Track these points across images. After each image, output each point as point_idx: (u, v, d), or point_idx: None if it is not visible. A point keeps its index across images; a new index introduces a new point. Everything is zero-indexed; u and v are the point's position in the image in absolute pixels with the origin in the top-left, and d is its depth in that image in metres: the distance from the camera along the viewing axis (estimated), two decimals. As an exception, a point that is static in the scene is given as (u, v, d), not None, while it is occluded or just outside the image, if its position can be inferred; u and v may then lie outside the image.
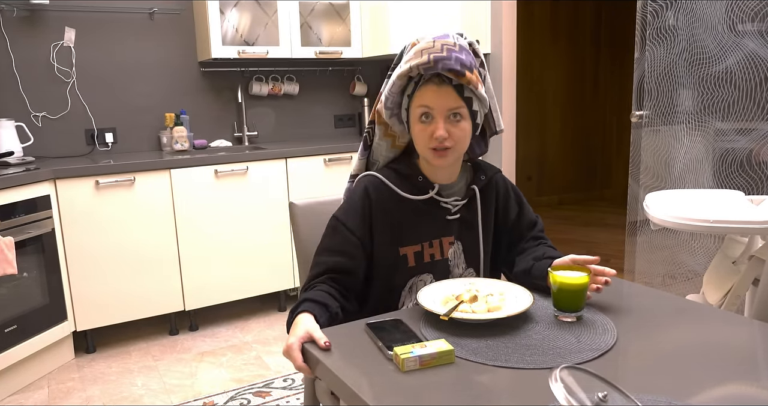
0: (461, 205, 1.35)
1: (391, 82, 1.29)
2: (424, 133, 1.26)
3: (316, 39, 3.46)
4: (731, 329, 1.10)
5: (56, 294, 2.61)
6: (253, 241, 3.06)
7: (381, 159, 1.39)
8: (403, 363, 0.95)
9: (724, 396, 0.87)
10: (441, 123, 1.24)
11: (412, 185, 1.33)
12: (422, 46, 1.24)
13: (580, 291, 1.12)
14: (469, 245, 1.36)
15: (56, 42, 3.05)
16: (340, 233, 1.29)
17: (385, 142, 1.36)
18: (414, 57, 1.24)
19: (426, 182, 1.33)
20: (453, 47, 1.23)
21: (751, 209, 1.88)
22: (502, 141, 3.67)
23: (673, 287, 2.98)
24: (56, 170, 2.57)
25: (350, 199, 1.32)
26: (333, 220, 1.32)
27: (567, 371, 0.79)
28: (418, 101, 1.26)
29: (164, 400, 2.34)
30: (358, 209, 1.29)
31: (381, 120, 1.35)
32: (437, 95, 1.24)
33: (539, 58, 5.84)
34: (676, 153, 2.81)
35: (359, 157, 1.40)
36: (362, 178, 1.34)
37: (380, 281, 1.32)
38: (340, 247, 1.28)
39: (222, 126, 3.53)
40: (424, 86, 1.25)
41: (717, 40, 2.54)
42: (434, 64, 1.21)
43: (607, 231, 4.93)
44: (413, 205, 1.32)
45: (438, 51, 1.22)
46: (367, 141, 1.38)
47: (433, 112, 1.25)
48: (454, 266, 1.35)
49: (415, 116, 1.27)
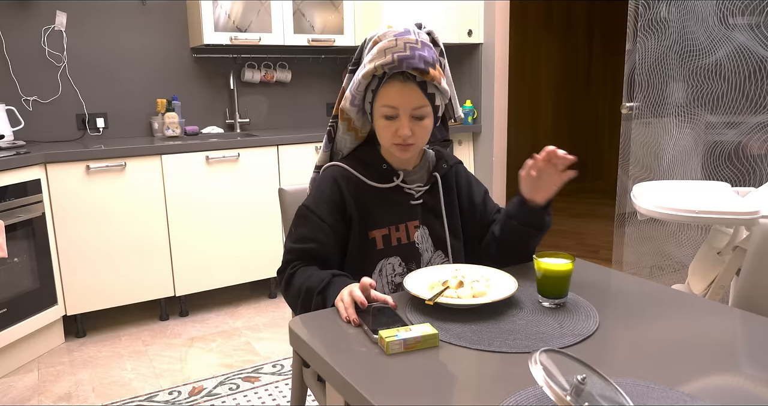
0: (424, 190, 1.39)
1: (356, 81, 1.30)
2: (388, 130, 1.30)
3: (309, 26, 3.45)
4: (712, 317, 1.13)
5: (46, 278, 2.61)
6: (243, 228, 3.07)
7: (345, 150, 1.42)
8: (388, 346, 0.97)
9: (703, 382, 0.89)
10: (405, 122, 1.27)
11: (376, 173, 1.36)
12: (385, 45, 1.25)
13: (564, 278, 1.14)
14: (435, 229, 1.40)
15: (47, 26, 3.03)
16: (310, 221, 1.32)
17: (348, 135, 1.40)
18: (377, 56, 1.25)
19: (390, 170, 1.37)
20: (415, 45, 1.25)
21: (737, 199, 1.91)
22: (494, 132, 3.68)
23: (660, 278, 3.02)
24: (47, 154, 2.56)
25: (319, 189, 1.35)
26: (302, 209, 1.34)
27: (547, 354, 0.81)
28: (384, 100, 1.28)
29: (153, 384, 2.35)
30: (326, 198, 1.32)
31: (344, 116, 1.37)
32: (401, 94, 1.26)
33: (532, 50, 5.85)
34: (666, 145, 2.84)
35: (323, 150, 1.42)
36: (329, 169, 1.37)
37: (353, 265, 1.35)
38: (312, 234, 1.31)
39: (214, 113, 3.53)
40: (388, 84, 1.27)
41: (707, 32, 2.55)
42: (399, 63, 1.23)
43: (597, 222, 4.97)
44: (379, 191, 1.35)
45: (401, 50, 1.23)
46: (331, 134, 1.41)
47: (398, 111, 1.27)
48: (423, 250, 1.38)
49: (379, 113, 1.30)
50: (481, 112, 3.74)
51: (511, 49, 5.05)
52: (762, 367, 0.92)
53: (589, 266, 1.43)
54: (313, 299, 1.22)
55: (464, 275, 1.22)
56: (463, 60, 3.80)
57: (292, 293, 1.27)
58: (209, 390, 2.29)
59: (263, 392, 2.28)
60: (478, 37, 3.63)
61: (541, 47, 5.89)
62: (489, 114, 3.69)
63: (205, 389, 2.30)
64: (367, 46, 1.33)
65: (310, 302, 1.23)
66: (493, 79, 3.64)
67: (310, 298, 1.23)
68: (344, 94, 1.36)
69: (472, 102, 3.77)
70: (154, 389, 2.32)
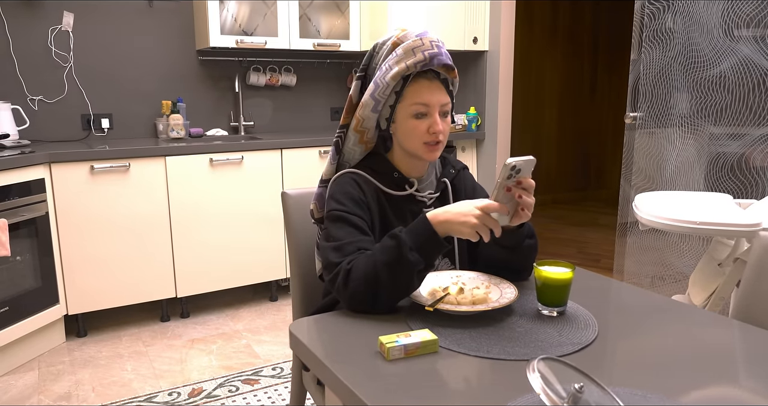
0: (435, 197, 1.39)
1: (383, 84, 1.27)
2: (418, 129, 1.29)
3: (314, 31, 3.46)
4: (711, 328, 1.13)
5: (48, 277, 2.62)
6: (246, 230, 3.07)
7: (353, 161, 1.40)
8: (388, 352, 0.98)
9: (700, 392, 0.89)
10: (437, 118, 1.29)
11: (389, 181, 1.35)
12: (411, 45, 1.26)
13: (563, 286, 1.14)
14: None
15: (54, 26, 3.05)
16: (348, 221, 1.25)
17: (359, 147, 1.37)
18: (406, 56, 1.25)
19: (401, 178, 1.36)
20: (439, 43, 1.29)
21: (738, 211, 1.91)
22: (497, 139, 3.69)
23: (661, 288, 3.02)
24: (51, 154, 2.58)
25: (342, 191, 1.30)
26: (334, 213, 1.27)
27: (545, 362, 0.81)
28: (414, 98, 1.28)
29: (153, 385, 2.36)
30: (355, 198, 1.29)
31: (359, 127, 1.34)
32: (431, 92, 1.28)
33: (538, 58, 5.86)
34: (669, 155, 2.84)
35: (330, 162, 1.38)
36: (345, 175, 1.34)
37: None
38: (354, 230, 1.24)
39: (218, 115, 3.54)
40: (416, 82, 1.27)
41: (712, 44, 2.56)
42: (430, 60, 1.25)
43: (599, 231, 4.97)
44: (393, 199, 1.35)
45: (429, 48, 1.26)
46: (339, 145, 1.38)
47: (429, 108, 1.28)
48: None
49: (407, 113, 1.29)
50: (485, 119, 3.74)
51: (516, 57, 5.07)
52: (759, 378, 0.93)
53: (589, 275, 1.43)
54: (405, 260, 1.10)
55: (465, 281, 1.23)
56: (468, 67, 3.81)
57: (369, 279, 1.12)
58: (209, 392, 2.30)
59: (262, 394, 2.28)
60: (483, 44, 3.64)
61: (546, 55, 5.91)
62: (493, 121, 3.70)
63: (204, 391, 2.30)
64: (380, 51, 1.33)
65: (405, 269, 1.11)
66: (498, 87, 3.65)
67: (401, 262, 1.10)
68: (353, 103, 1.35)
69: (477, 109, 3.78)
70: (154, 389, 2.32)
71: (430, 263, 1.15)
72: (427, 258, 1.14)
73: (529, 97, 5.90)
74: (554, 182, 6.24)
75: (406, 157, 1.36)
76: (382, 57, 1.32)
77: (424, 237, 1.14)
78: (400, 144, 1.34)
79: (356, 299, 1.14)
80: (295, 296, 1.59)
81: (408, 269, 1.12)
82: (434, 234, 1.14)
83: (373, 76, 1.34)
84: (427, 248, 1.14)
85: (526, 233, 1.29)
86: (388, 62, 1.28)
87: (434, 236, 1.14)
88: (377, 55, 1.34)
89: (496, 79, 3.65)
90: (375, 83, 1.29)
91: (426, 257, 1.13)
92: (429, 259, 1.14)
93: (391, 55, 1.29)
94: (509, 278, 1.29)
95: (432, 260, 1.15)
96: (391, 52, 1.29)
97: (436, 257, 1.16)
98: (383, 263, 1.12)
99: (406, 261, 1.11)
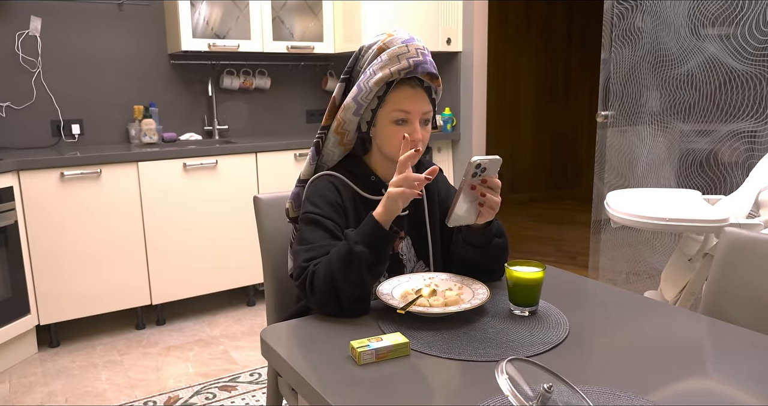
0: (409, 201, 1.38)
1: (366, 89, 1.27)
2: (398, 135, 1.29)
3: (288, 33, 3.45)
4: (680, 324, 1.15)
5: (19, 287, 2.57)
6: (221, 235, 3.05)
7: (331, 163, 1.40)
8: (359, 356, 0.97)
9: (669, 389, 0.90)
10: (418, 126, 1.29)
11: (366, 185, 1.35)
12: (396, 51, 1.26)
13: (534, 286, 1.15)
14: (419, 239, 1.39)
15: (21, 31, 2.99)
16: (320, 224, 1.26)
17: (338, 149, 1.38)
18: (390, 62, 1.25)
19: (378, 181, 1.36)
20: (424, 50, 1.28)
21: (706, 207, 1.94)
22: (472, 139, 3.70)
23: (635, 284, 3.06)
24: (20, 161, 2.53)
25: (318, 193, 1.31)
26: (307, 215, 1.28)
27: (514, 363, 0.82)
28: (395, 105, 1.28)
29: (128, 394, 2.33)
30: (330, 201, 1.29)
31: (340, 129, 1.34)
32: (413, 99, 1.28)
33: (512, 58, 5.90)
34: (640, 153, 2.88)
35: (309, 163, 1.38)
36: (323, 177, 1.34)
37: None
38: (326, 234, 1.25)
39: (192, 119, 3.51)
40: (399, 89, 1.27)
41: (680, 43, 2.60)
42: (414, 68, 1.25)
43: (576, 229, 5.02)
44: (369, 203, 1.34)
45: (414, 55, 1.26)
46: (319, 146, 1.38)
47: (410, 116, 1.28)
48: (406, 261, 1.38)
49: (388, 119, 1.29)
50: (460, 120, 3.76)
51: (490, 58, 5.11)
52: (726, 373, 0.94)
53: (561, 273, 1.44)
54: (352, 253, 1.13)
55: (437, 283, 1.23)
56: (443, 68, 3.83)
57: (326, 279, 1.15)
58: (185, 400, 2.27)
59: (240, 401, 2.26)
60: (456, 45, 3.66)
61: (520, 55, 5.96)
62: (468, 121, 3.71)
63: (180, 399, 2.27)
64: (365, 55, 1.33)
65: (353, 263, 1.13)
66: (472, 87, 3.67)
67: (350, 256, 1.14)
68: (336, 104, 1.35)
69: (452, 110, 3.80)
70: (129, 399, 2.29)
71: (380, 256, 1.16)
72: (373, 250, 1.15)
73: (505, 96, 5.94)
74: (531, 181, 6.29)
75: (383, 160, 1.36)
76: (368, 61, 1.31)
77: (368, 229, 1.16)
78: (379, 148, 1.35)
79: (321, 301, 1.17)
80: (269, 300, 1.58)
81: (357, 263, 1.14)
82: (376, 224, 1.16)
83: (357, 78, 1.33)
84: (372, 239, 1.15)
85: (495, 232, 1.30)
86: (372, 67, 1.28)
87: (376, 226, 1.16)
88: (362, 58, 1.33)
89: (471, 80, 3.67)
90: (358, 87, 1.29)
91: (372, 248, 1.15)
92: (377, 250, 1.15)
93: (376, 59, 1.28)
94: (482, 278, 1.29)
95: (381, 252, 1.16)
96: (376, 56, 1.29)
97: (385, 248, 1.17)
98: (335, 261, 1.15)
99: (353, 254, 1.14)
